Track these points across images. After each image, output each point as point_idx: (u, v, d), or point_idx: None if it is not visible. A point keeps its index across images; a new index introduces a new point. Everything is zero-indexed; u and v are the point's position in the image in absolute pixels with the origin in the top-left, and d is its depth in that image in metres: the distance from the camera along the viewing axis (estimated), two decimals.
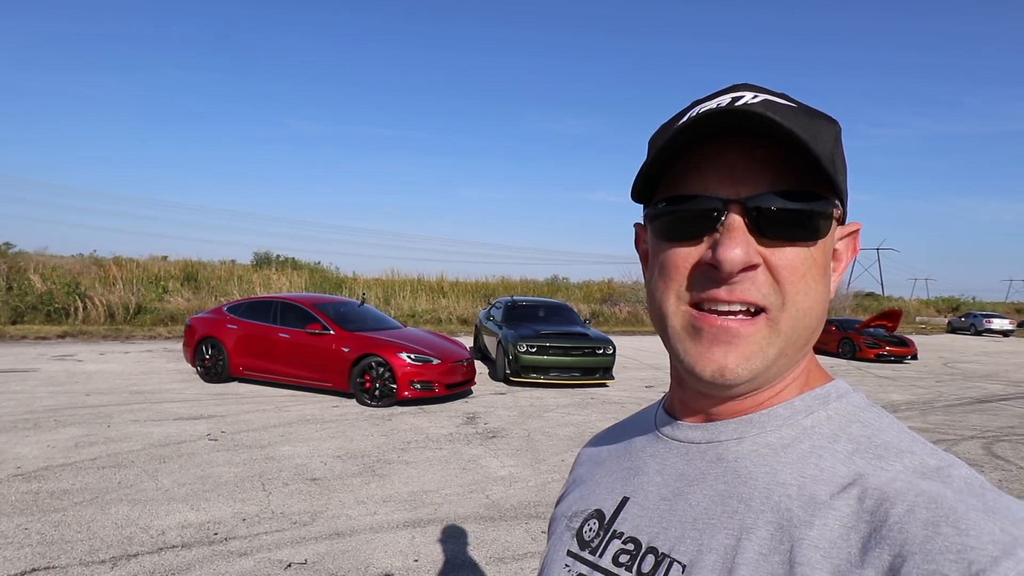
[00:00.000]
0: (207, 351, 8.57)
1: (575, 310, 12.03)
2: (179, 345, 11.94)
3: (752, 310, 0.49)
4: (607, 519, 0.59)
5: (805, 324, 0.50)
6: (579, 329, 10.36)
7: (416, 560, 3.55)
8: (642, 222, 0.61)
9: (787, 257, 0.49)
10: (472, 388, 8.79)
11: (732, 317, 0.49)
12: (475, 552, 3.71)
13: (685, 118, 0.51)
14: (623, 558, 0.54)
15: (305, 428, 6.35)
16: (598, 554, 0.57)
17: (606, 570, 0.55)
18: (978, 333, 31.44)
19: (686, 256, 0.51)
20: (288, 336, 8.15)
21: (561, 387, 9.63)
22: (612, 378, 9.99)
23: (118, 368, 9.51)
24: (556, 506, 0.72)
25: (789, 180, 0.49)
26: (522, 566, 3.56)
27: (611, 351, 9.81)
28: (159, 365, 10.00)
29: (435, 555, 3.64)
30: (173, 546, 3.52)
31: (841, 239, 0.55)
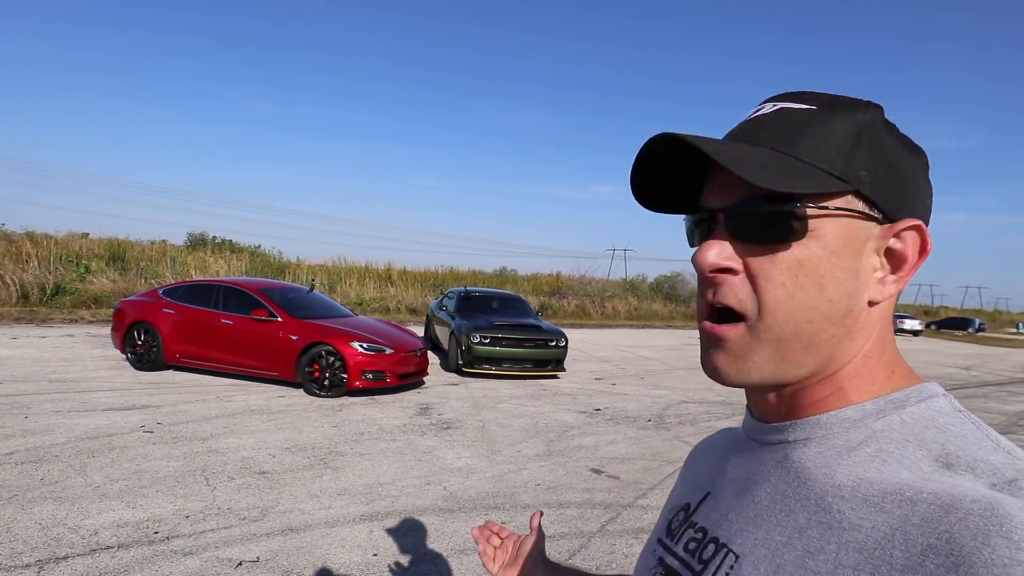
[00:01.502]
0: (139, 337, 8.02)
1: (528, 302, 12.02)
2: (105, 330, 11.18)
3: (734, 315, 0.52)
4: (690, 511, 0.63)
5: (795, 329, 0.50)
6: (532, 321, 10.35)
7: (376, 554, 3.41)
8: None
9: (765, 264, 0.50)
10: (425, 379, 8.62)
11: (720, 324, 0.53)
12: (436, 544, 3.61)
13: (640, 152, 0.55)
14: (691, 545, 0.59)
15: (250, 419, 6.03)
16: (675, 540, 0.62)
17: (677, 555, 0.60)
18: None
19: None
20: (231, 322, 7.73)
21: (513, 378, 9.59)
22: (564, 370, 10.04)
23: (34, 354, 8.77)
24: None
25: (761, 188, 0.50)
26: None
27: (563, 343, 9.85)
28: (82, 351, 9.30)
29: (395, 549, 3.51)
30: (108, 547, 3.23)
31: (893, 236, 0.52)
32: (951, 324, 39.85)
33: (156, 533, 3.43)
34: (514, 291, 16.75)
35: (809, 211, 0.49)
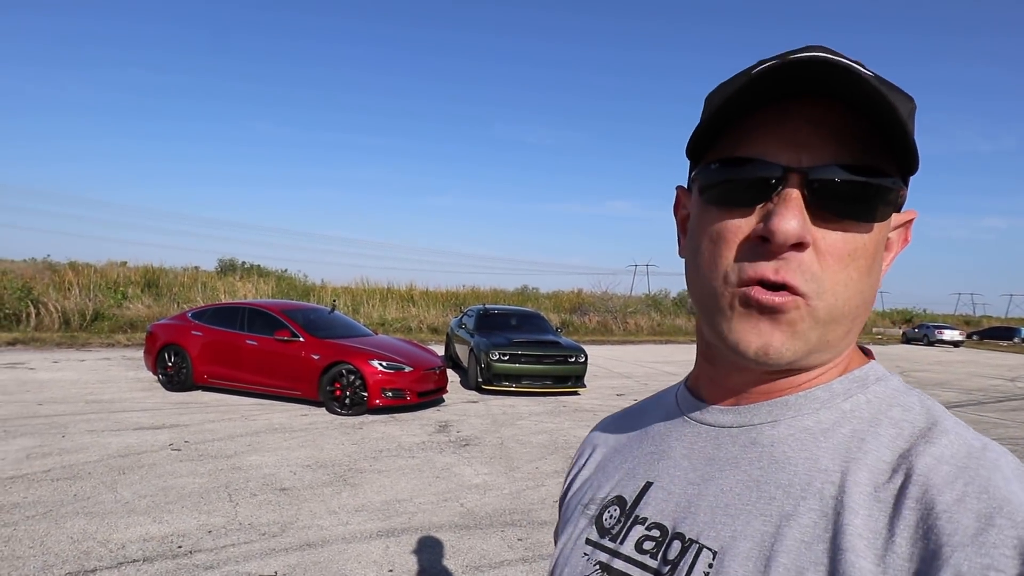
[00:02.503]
0: (170, 359, 8.28)
1: (547, 319, 12.05)
2: (139, 353, 11.53)
3: (790, 291, 0.46)
4: (628, 505, 0.56)
5: (844, 313, 0.47)
6: (551, 337, 10.36)
7: (391, 571, 3.47)
8: (686, 185, 0.57)
9: (836, 243, 0.46)
10: (444, 396, 8.71)
11: (778, 294, 0.46)
12: (451, 561, 3.65)
13: (758, 69, 0.45)
14: (647, 544, 0.52)
15: (273, 437, 6.18)
16: (619, 541, 0.54)
17: (628, 557, 0.53)
18: (931, 344, 32.14)
19: (736, 227, 0.48)
20: (256, 343, 7.94)
21: (533, 395, 9.60)
22: (584, 386, 10.01)
23: (73, 376, 9.12)
24: (566, 493, 0.69)
25: (857, 152, 0.45)
26: (499, 574, 3.51)
27: (583, 359, 9.84)
28: (117, 373, 9.63)
29: (410, 565, 3.56)
30: (134, 560, 3.36)
31: (896, 228, 0.52)
32: (995, 334, 38.20)
33: (180, 547, 3.55)
34: (535, 309, 16.80)
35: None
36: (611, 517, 0.57)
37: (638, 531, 0.53)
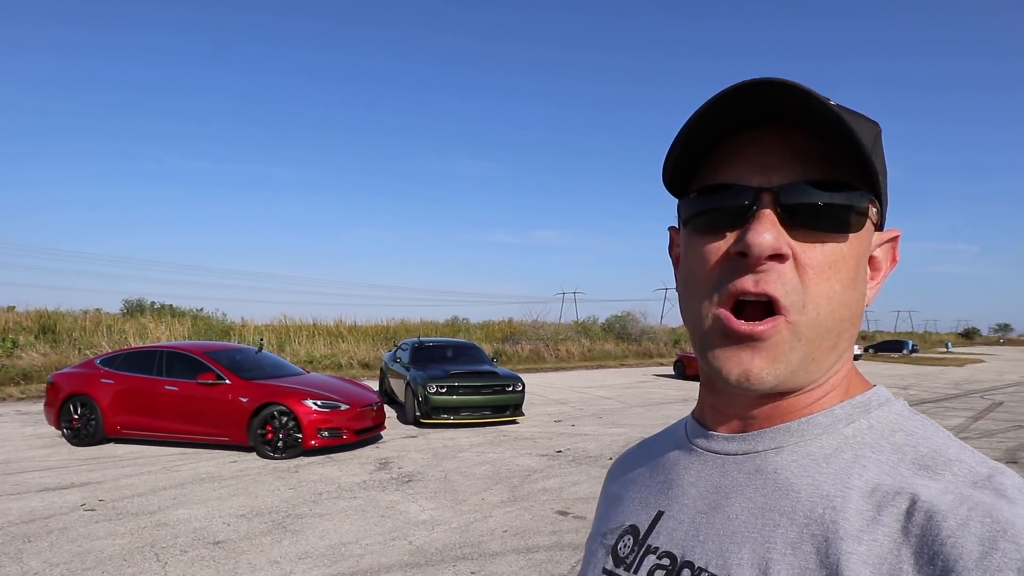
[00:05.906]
0: (76, 410, 7.60)
1: (482, 349, 12.03)
2: (37, 406, 10.49)
3: (773, 309, 0.47)
4: (641, 534, 0.57)
5: (829, 327, 0.48)
6: (488, 368, 10.35)
7: None
8: (676, 224, 0.60)
9: (815, 255, 0.47)
10: (382, 433, 8.47)
11: (758, 323, 0.47)
12: None
13: (719, 92, 0.48)
14: (658, 573, 0.52)
15: (201, 488, 5.77)
16: (632, 569, 0.55)
17: None
18: None
19: (716, 250, 0.50)
20: (176, 388, 7.45)
21: (472, 427, 9.51)
22: (522, 415, 10.03)
23: None
24: (592, 527, 0.71)
25: (824, 170, 0.47)
26: None
27: (520, 388, 9.88)
28: (12, 430, 8.70)
29: None
30: None
31: (879, 246, 0.54)
32: (887, 347, 41.49)
33: None
34: (467, 339, 16.73)
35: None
36: (625, 546, 0.58)
37: (650, 560, 0.54)
